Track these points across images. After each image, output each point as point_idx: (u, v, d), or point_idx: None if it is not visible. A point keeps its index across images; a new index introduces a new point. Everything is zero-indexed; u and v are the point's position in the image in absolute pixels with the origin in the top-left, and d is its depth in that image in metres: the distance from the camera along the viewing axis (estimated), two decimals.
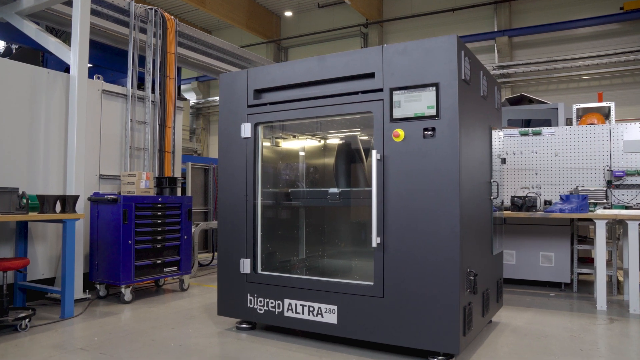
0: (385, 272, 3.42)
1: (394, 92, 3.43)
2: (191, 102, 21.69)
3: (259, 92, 4.10)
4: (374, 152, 3.41)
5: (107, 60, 7.52)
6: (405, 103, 3.39)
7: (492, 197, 4.13)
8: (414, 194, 3.34)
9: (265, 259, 4.24)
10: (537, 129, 6.22)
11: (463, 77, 3.33)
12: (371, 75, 3.55)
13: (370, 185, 3.47)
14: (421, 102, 3.34)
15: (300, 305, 3.78)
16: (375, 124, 3.49)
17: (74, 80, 5.30)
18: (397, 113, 3.41)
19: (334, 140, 5.05)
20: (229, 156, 4.15)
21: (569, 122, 7.47)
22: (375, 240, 3.39)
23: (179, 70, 9.48)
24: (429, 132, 3.31)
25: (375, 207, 3.39)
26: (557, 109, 7.54)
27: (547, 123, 7.57)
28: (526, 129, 6.29)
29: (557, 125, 7.31)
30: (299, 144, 4.98)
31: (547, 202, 5.94)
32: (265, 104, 4.01)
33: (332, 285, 3.65)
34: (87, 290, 5.40)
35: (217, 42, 8.45)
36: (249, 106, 4.07)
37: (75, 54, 5.29)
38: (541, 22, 15.87)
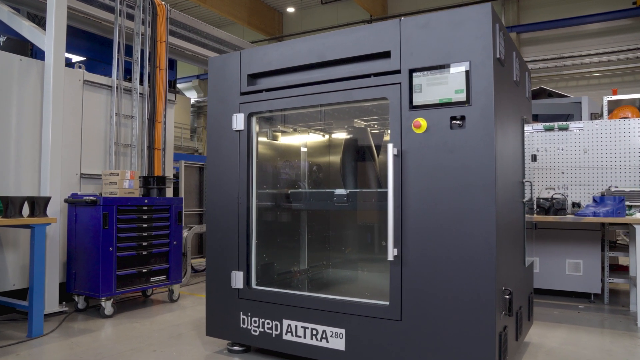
0: (403, 291, 2.84)
1: (414, 74, 2.86)
2: (192, 101, 21.18)
3: (253, 78, 3.53)
4: (390, 145, 2.83)
5: (99, 52, 6.99)
6: (428, 87, 2.82)
7: (524, 200, 3.55)
8: (438, 197, 2.76)
9: (260, 271, 3.67)
10: (564, 123, 5.63)
11: (498, 56, 2.76)
12: (386, 55, 2.98)
13: (383, 185, 2.91)
14: (447, 86, 2.76)
15: (302, 327, 3.21)
16: (391, 112, 2.91)
17: (49, 68, 4.74)
18: (418, 99, 2.84)
19: (341, 134, 4.47)
20: (219, 152, 3.58)
21: (593, 117, 6.88)
22: (391, 253, 2.81)
23: (174, 63, 8.94)
24: (458, 122, 2.73)
25: (392, 212, 2.81)
26: (581, 102, 6.94)
27: (566, 119, 6.97)
28: (551, 123, 5.71)
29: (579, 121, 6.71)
30: (300, 139, 4.40)
31: (576, 205, 5.35)
32: (260, 91, 3.44)
33: (340, 305, 3.07)
34: (64, 303, 4.84)
35: (213, 31, 7.89)
36: (242, 94, 3.51)
37: (50, 39, 4.73)
38: (550, 17, 15.33)
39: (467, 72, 2.70)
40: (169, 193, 6.36)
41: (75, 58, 7.68)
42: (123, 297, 5.51)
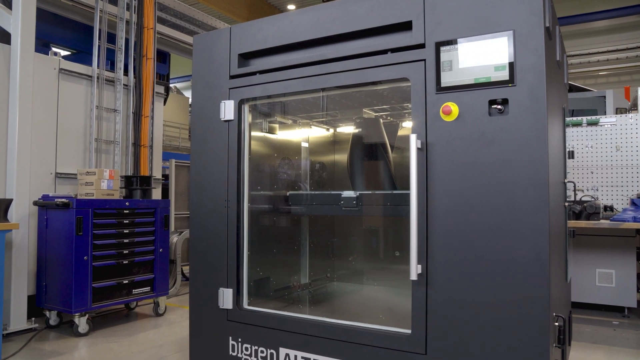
0: (429, 318, 2.29)
1: (442, 49, 2.31)
2: (190, 100, 20.69)
3: (245, 58, 2.97)
4: (412, 137, 2.28)
5: (89, 44, 6.46)
6: (460, 64, 2.26)
7: (566, 204, 3.00)
8: (474, 201, 2.20)
9: (253, 287, 3.11)
10: (594, 117, 5.08)
11: (547, 25, 2.20)
12: (407, 26, 2.43)
13: (398, 186, 2.36)
14: (485, 62, 2.21)
15: (302, 357, 2.64)
16: (414, 96, 2.36)
17: (16, 53, 4.19)
18: (448, 79, 2.29)
19: (348, 127, 3.90)
20: (204, 146, 3.03)
21: (619, 112, 6.32)
22: (415, 270, 2.25)
23: (167, 56, 8.41)
24: (498, 107, 2.18)
25: (416, 219, 2.25)
26: (605, 97, 6.40)
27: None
28: (579, 118, 5.15)
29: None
30: (301, 133, 3.84)
31: (608, 208, 4.79)
32: (253, 73, 2.89)
33: (349, 333, 2.51)
34: (34, 319, 4.29)
35: (207, 19, 7.36)
36: (232, 77, 2.95)
37: (17, 19, 4.18)
38: (556, 15, 14.79)
39: (512, 44, 2.15)
40: (157, 194, 5.81)
41: (64, 52, 7.21)
42: (103, 311, 4.95)
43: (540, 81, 2.10)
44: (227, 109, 2.92)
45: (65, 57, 6.56)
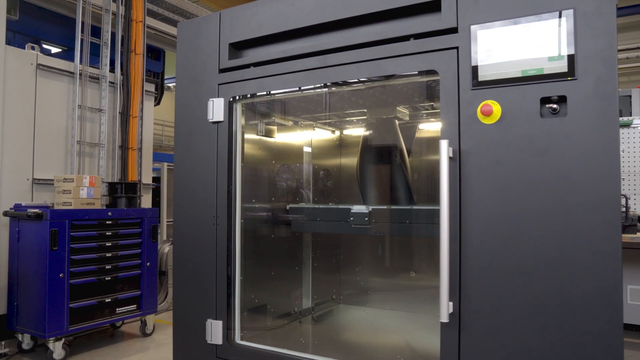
0: None
1: (480, 34, 1.85)
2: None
3: (237, 48, 2.52)
4: (443, 143, 1.82)
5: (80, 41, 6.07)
6: (503, 53, 1.81)
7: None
8: (520, 225, 1.75)
9: (247, 318, 2.66)
10: (626, 119, 4.62)
11: (617, 2, 1.75)
12: (434, 7, 1.97)
13: (415, 199, 1.91)
14: (536, 50, 1.76)
15: None
16: (444, 92, 1.90)
17: None
18: (487, 71, 1.83)
19: (358, 129, 3.44)
20: (190, 152, 2.58)
21: None
22: (445, 310, 1.80)
23: (161, 54, 7.97)
24: (553, 106, 1.73)
25: (447, 246, 1.80)
26: (630, 96, 5.95)
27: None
28: None
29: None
30: (303, 136, 3.37)
31: None
32: (247, 66, 2.43)
33: None
34: (4, 343, 3.84)
35: (202, 13, 6.89)
36: (222, 70, 2.50)
37: None
38: None
39: (571, 27, 1.70)
40: (147, 200, 5.37)
41: (55, 50, 6.80)
42: (85, 331, 4.50)
43: (611, 74, 1.65)
44: (216, 109, 2.47)
45: (56, 54, 6.16)
